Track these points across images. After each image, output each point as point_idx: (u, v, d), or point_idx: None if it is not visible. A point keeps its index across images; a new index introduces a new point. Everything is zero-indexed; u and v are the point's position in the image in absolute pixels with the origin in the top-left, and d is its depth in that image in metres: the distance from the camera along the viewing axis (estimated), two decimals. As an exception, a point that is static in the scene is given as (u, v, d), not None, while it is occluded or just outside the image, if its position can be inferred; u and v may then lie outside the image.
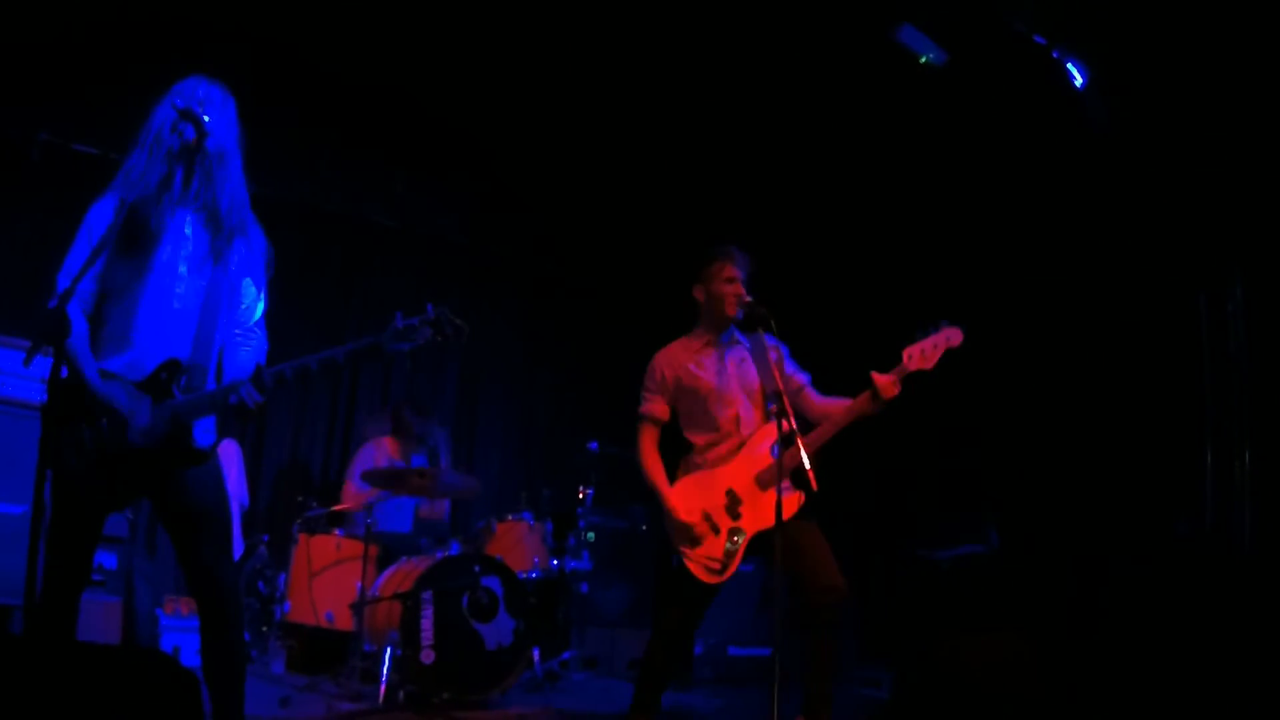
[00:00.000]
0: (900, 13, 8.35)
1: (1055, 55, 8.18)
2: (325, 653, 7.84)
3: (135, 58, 7.98)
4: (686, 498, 5.57)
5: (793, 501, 5.41)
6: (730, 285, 5.68)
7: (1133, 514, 8.07)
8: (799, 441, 5.05)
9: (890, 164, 9.97)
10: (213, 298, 4.20)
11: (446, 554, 7.33)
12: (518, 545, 8.21)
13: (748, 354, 5.81)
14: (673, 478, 5.71)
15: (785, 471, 5.32)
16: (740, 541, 5.43)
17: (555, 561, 8.45)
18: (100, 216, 4.16)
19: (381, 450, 8.94)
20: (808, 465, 5.00)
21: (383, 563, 7.77)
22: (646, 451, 5.76)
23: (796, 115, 9.73)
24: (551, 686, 8.03)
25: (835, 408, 5.51)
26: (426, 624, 6.83)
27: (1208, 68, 7.55)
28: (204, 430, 4.16)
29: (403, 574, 7.21)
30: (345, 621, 7.57)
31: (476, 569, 7.14)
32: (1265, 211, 7.53)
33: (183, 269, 4.17)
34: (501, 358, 11.38)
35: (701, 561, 5.46)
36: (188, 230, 4.21)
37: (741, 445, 5.60)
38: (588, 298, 11.69)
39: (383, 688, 6.72)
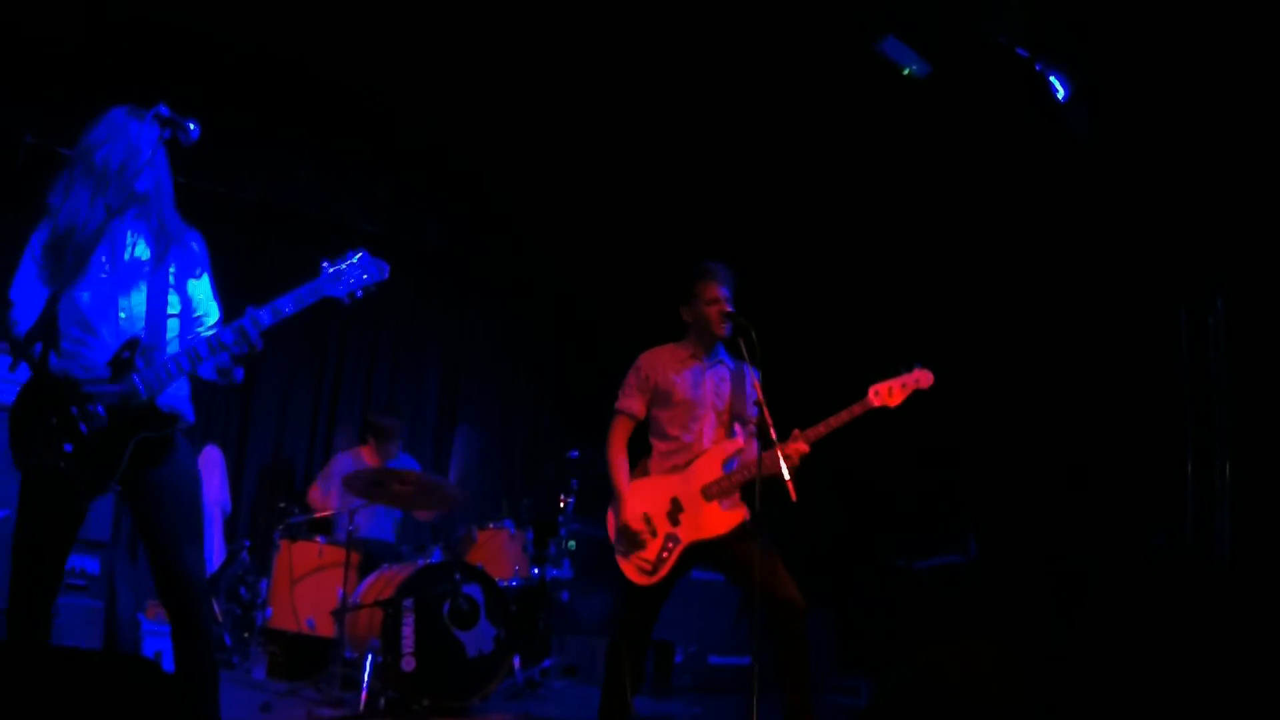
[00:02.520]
0: (884, 25, 8.38)
1: (1038, 68, 8.21)
2: (306, 659, 7.83)
3: (122, 61, 8.00)
4: (634, 498, 5.59)
5: (733, 517, 5.47)
6: (714, 306, 5.67)
7: (1112, 525, 8.11)
8: (778, 453, 5.08)
9: (872, 175, 10.01)
10: (157, 296, 4.30)
11: (428, 561, 7.34)
12: (499, 553, 8.22)
13: (729, 376, 5.81)
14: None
15: (736, 486, 5.46)
16: (674, 548, 5.43)
17: (536, 570, 8.46)
18: (49, 231, 4.30)
19: (359, 460, 8.92)
20: (787, 476, 5.02)
21: (364, 570, 7.77)
22: (615, 446, 5.76)
23: (779, 125, 9.76)
24: (532, 694, 8.05)
25: (769, 459, 5.39)
26: (407, 631, 6.84)
27: (1190, 82, 7.59)
28: (171, 400, 4.22)
29: (384, 581, 7.22)
30: (326, 628, 7.57)
31: (457, 577, 7.15)
32: (1246, 226, 7.58)
33: (132, 280, 4.29)
34: (482, 366, 11.38)
35: (634, 561, 5.48)
36: (130, 237, 4.34)
37: (697, 457, 5.62)
38: (569, 306, 11.70)
39: (364, 695, 6.73)
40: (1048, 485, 8.64)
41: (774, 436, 5.10)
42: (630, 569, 5.50)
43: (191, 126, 4.18)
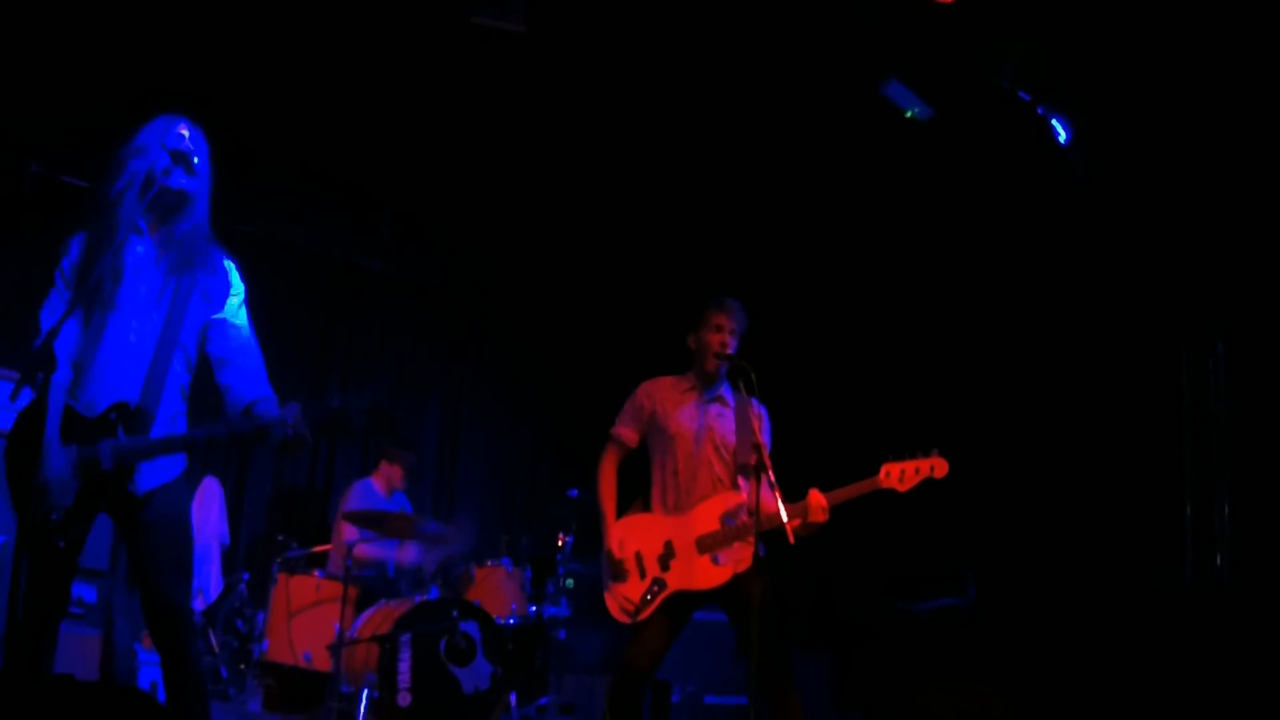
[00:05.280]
0: (887, 68, 8.42)
1: (1040, 111, 8.25)
2: (302, 693, 7.80)
3: (127, 92, 8.03)
4: (627, 533, 5.54)
5: (723, 573, 5.35)
6: (716, 334, 5.60)
7: (1111, 567, 8.09)
8: (777, 498, 5.01)
9: (874, 217, 10.03)
10: (168, 337, 4.23)
11: (425, 598, 7.33)
12: (496, 591, 8.20)
13: (730, 412, 5.71)
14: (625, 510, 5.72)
15: (731, 541, 5.35)
16: (659, 593, 5.35)
17: (533, 608, 8.44)
18: (74, 255, 4.25)
19: (368, 488, 8.92)
20: (785, 519, 4.97)
21: (361, 604, 7.76)
22: (605, 473, 5.75)
23: (784, 169, 9.79)
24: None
25: (769, 504, 5.15)
26: (404, 667, 6.83)
27: (1191, 124, 7.63)
28: (150, 475, 4.15)
29: (381, 616, 7.21)
30: (323, 662, 7.54)
31: (455, 613, 7.14)
32: (1247, 267, 7.60)
33: (142, 307, 4.22)
34: (483, 404, 11.39)
35: (618, 599, 5.43)
36: (153, 268, 4.27)
37: (696, 500, 5.52)
38: (570, 345, 11.70)
39: (359, 729, 6.72)
40: (1047, 527, 8.62)
41: (772, 479, 5.04)
42: (613, 606, 5.46)
43: (195, 160, 4.20)
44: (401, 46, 8.63)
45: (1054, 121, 8.22)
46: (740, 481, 5.57)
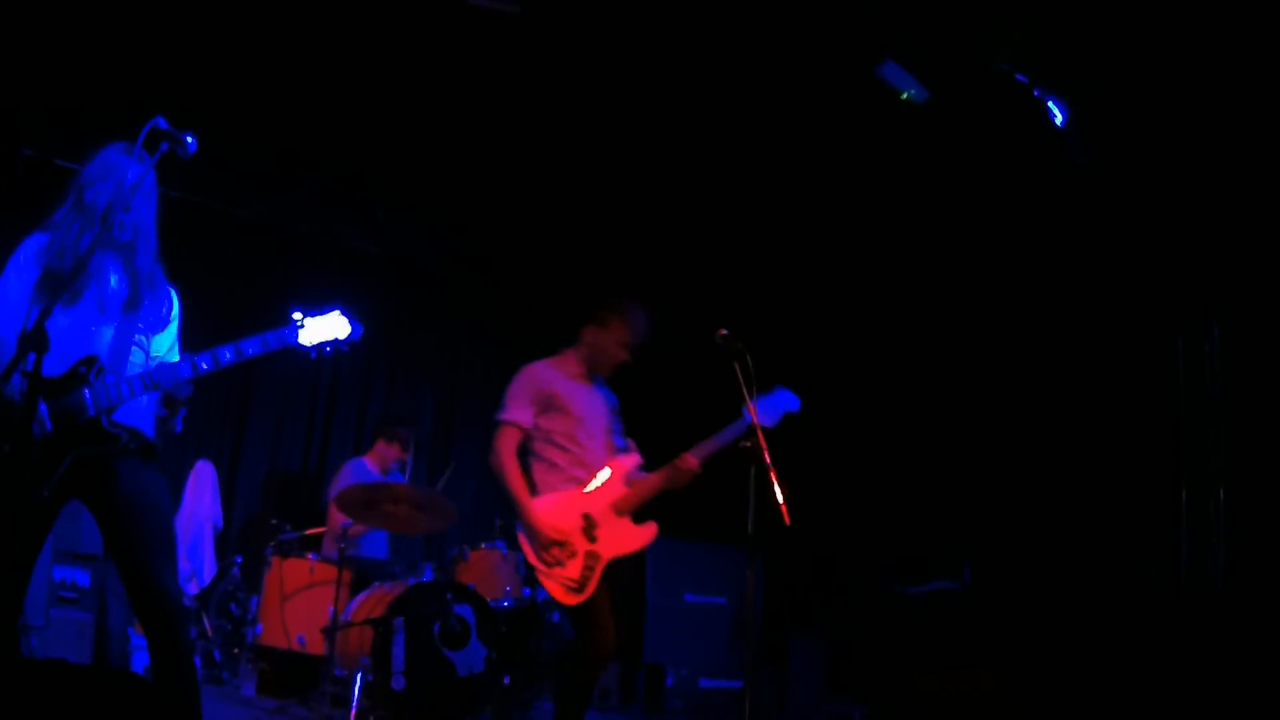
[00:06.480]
0: (883, 49, 8.39)
1: (1036, 94, 8.22)
2: (296, 676, 7.79)
3: (121, 76, 8.00)
4: (547, 515, 5.62)
5: (648, 533, 5.71)
6: (623, 351, 6.04)
7: (1107, 553, 8.09)
8: (681, 467, 5.54)
9: (867, 199, 10.00)
10: (125, 334, 4.35)
11: (419, 580, 7.31)
12: (490, 573, 8.19)
13: (603, 396, 6.12)
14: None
15: (642, 501, 5.70)
16: (596, 565, 5.53)
17: (527, 590, 8.42)
18: (37, 247, 4.41)
19: (361, 467, 8.90)
20: (781, 500, 4.99)
21: (355, 588, 7.74)
22: (508, 458, 5.79)
23: (776, 149, 9.75)
24: (522, 715, 8.01)
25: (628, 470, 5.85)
26: (398, 650, 6.82)
27: (1188, 110, 7.61)
28: (124, 418, 4.23)
29: (375, 599, 7.19)
30: (317, 646, 7.54)
31: (449, 596, 7.13)
32: (1243, 254, 7.58)
33: (103, 307, 4.35)
34: (477, 386, 11.36)
35: (559, 580, 5.52)
36: (111, 277, 4.40)
37: (596, 473, 5.77)
38: (565, 328, 11.65)
39: (353, 713, 6.70)
40: (1043, 512, 8.62)
41: (763, 442, 5.16)
42: (557, 589, 5.54)
43: (189, 140, 4.18)
44: (397, 27, 8.58)
45: (1051, 104, 8.19)
46: (624, 442, 6.05)
